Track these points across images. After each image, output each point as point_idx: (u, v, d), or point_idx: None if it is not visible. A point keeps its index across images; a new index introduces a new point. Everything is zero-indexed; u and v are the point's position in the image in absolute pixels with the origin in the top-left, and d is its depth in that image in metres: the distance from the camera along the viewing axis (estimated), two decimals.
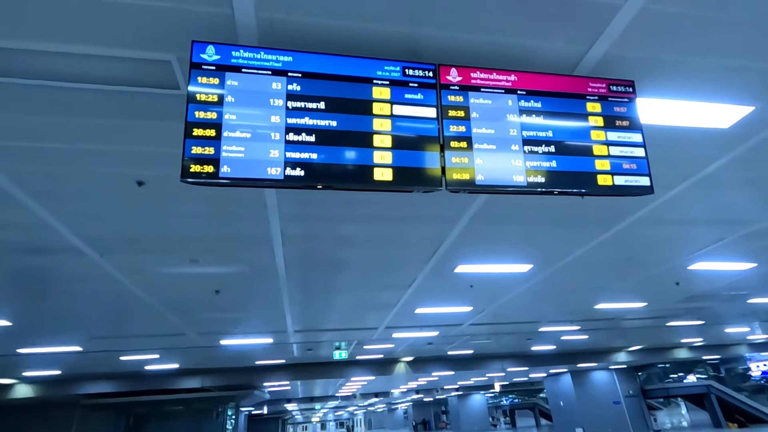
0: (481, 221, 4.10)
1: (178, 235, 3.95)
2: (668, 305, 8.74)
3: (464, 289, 6.43)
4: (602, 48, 2.21)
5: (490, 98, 2.07)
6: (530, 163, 2.02)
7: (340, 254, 4.72)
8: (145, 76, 2.19)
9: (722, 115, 2.79)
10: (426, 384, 23.53)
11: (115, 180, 3.01)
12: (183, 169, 1.70)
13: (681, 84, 2.51)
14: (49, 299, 5.52)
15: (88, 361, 10.24)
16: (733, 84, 2.56)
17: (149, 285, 5.23)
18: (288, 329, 8.38)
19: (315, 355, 12.45)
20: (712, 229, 4.86)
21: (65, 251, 4.04)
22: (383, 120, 1.93)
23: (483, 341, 11.84)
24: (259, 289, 5.74)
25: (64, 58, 2.04)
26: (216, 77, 1.82)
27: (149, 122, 2.48)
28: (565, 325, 10.33)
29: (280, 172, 1.78)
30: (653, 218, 4.37)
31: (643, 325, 11.02)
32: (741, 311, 10.29)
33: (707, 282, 7.09)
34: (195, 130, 1.75)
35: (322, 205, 3.61)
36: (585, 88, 2.18)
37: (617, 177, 2.10)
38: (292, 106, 1.87)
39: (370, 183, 1.86)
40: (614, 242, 4.93)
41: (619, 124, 2.17)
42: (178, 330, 7.79)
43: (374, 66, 1.98)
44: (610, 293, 7.44)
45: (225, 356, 11.25)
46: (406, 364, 15.03)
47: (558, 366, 16.83)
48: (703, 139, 3.07)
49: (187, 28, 1.93)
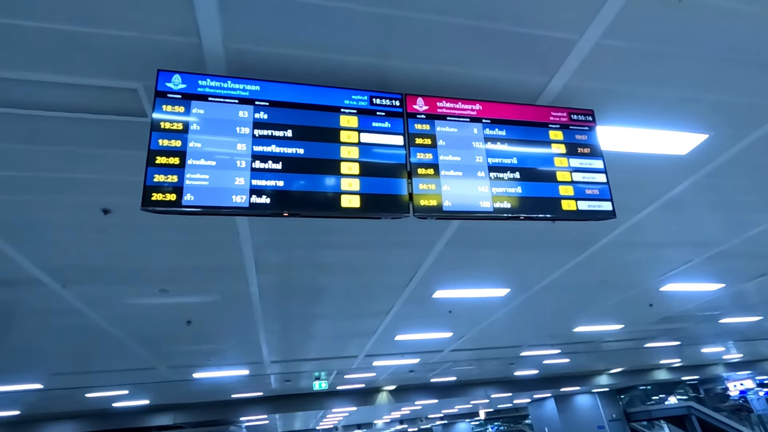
0: (456, 246, 4.12)
1: (146, 265, 3.83)
2: (644, 327, 8.86)
3: (443, 315, 6.39)
4: (562, 80, 2.31)
5: (455, 126, 2.12)
6: (496, 189, 2.06)
7: (316, 282, 4.65)
8: (111, 103, 2.17)
9: (679, 142, 2.93)
10: (410, 413, 22.95)
11: (79, 208, 2.92)
12: (144, 198, 1.66)
13: (638, 113, 2.63)
14: (6, 333, 5.21)
15: (50, 400, 9.63)
16: (687, 113, 2.70)
17: (116, 317, 5.01)
18: (264, 360, 8.11)
19: (294, 387, 12.05)
20: (679, 251, 5.02)
21: (24, 283, 3.85)
22: (351, 147, 1.95)
23: (465, 367, 11.70)
24: (233, 319, 5.57)
25: (29, 85, 2.00)
26: (181, 105, 1.82)
27: (115, 150, 2.44)
28: (546, 349, 10.33)
29: (245, 200, 1.76)
30: (623, 241, 4.48)
31: (622, 347, 11.12)
32: (715, 331, 10.51)
33: (680, 303, 7.25)
34: (158, 158, 1.72)
35: (296, 231, 3.57)
36: (547, 117, 2.26)
37: (581, 202, 2.15)
38: (259, 135, 1.87)
39: (338, 210, 1.85)
40: (587, 265, 5.02)
41: (581, 151, 2.25)
42: (147, 364, 7.44)
43: (342, 95, 2.01)
44: (587, 316, 7.51)
45: (199, 390, 10.76)
46: (388, 393, 14.66)
47: (542, 391, 16.72)
48: (664, 165, 3.20)
49: (154, 57, 1.93)
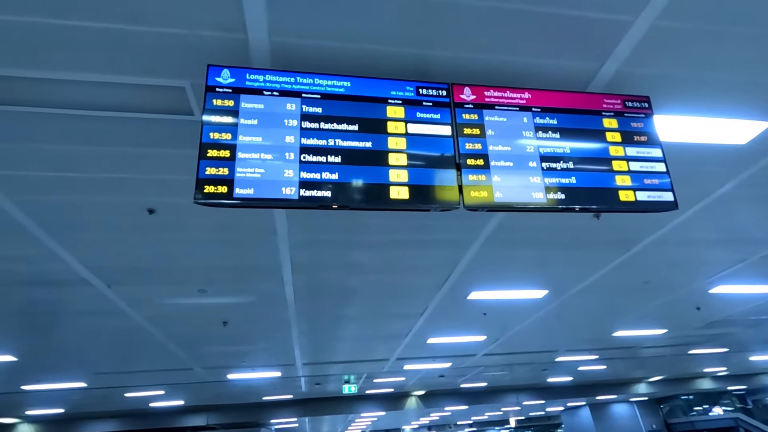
0: (494, 245, 4.02)
1: (186, 265, 3.91)
2: (689, 332, 8.42)
3: (477, 317, 6.25)
4: (614, 65, 2.21)
5: (504, 116, 2.05)
6: (549, 180, 1.97)
7: (350, 282, 4.63)
8: (159, 102, 2.21)
9: (738, 130, 2.75)
10: (438, 419, 22.64)
11: (125, 209, 3.00)
12: (197, 190, 1.67)
13: (695, 99, 2.49)
14: (55, 333, 5.43)
15: (92, 399, 10.00)
16: (748, 99, 2.53)
17: (156, 317, 5.14)
18: (296, 362, 8.16)
19: (323, 390, 12.07)
20: (731, 250, 4.73)
21: (73, 283, 3.99)
22: (398, 139, 1.91)
23: (497, 373, 11.43)
24: (267, 319, 5.62)
25: (80, 86, 2.06)
26: (231, 99, 1.83)
27: (161, 149, 2.49)
28: (582, 355, 9.96)
29: (294, 192, 1.75)
30: (670, 240, 4.26)
31: (664, 354, 10.61)
32: (766, 337, 9.88)
33: (729, 306, 6.84)
34: (210, 151, 1.73)
35: (332, 230, 3.56)
36: (600, 105, 2.16)
37: (639, 192, 2.04)
38: (307, 127, 1.85)
39: (386, 202, 1.82)
40: (631, 266, 4.80)
41: (638, 139, 2.13)
42: (184, 364, 7.61)
43: (388, 86, 1.98)
44: (628, 320, 7.19)
45: (231, 392, 10.93)
46: (417, 399, 14.49)
47: (576, 399, 16.16)
48: (720, 156, 3.02)
49: (201, 54, 1.95)
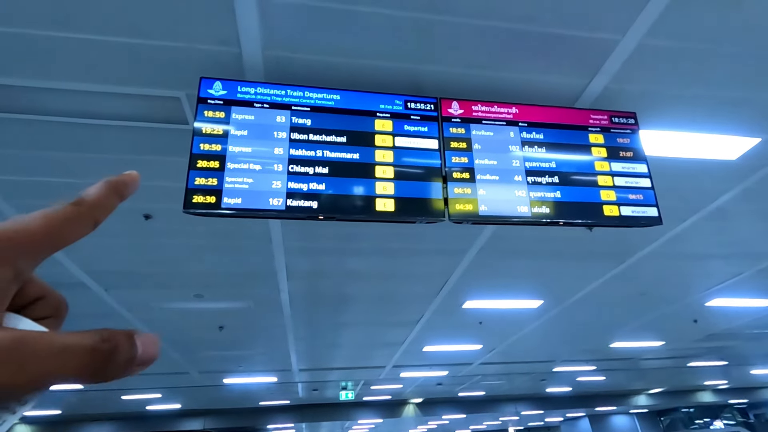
0: (488, 255, 4.04)
1: (183, 270, 3.95)
2: (687, 344, 8.38)
3: (473, 326, 6.25)
4: (602, 82, 2.25)
5: (491, 130, 2.08)
6: (534, 194, 2.00)
7: (345, 289, 4.65)
8: (156, 112, 2.27)
9: (728, 146, 2.78)
10: (436, 428, 22.46)
11: (124, 213, 3.05)
12: (186, 200, 1.71)
13: (684, 115, 2.52)
14: None
15: (88, 401, 10.01)
16: (737, 116, 2.56)
17: (153, 321, 5.17)
18: (293, 367, 8.15)
19: (320, 396, 12.04)
20: (727, 263, 4.73)
21: (71, 286, 4.03)
22: (385, 151, 1.95)
23: (495, 382, 11.37)
24: (263, 325, 5.64)
25: (80, 95, 2.12)
26: (222, 111, 1.87)
27: (157, 157, 2.53)
28: (580, 365, 9.91)
29: (281, 202, 1.79)
30: (665, 252, 4.27)
31: (663, 366, 10.54)
32: (766, 351, 9.81)
33: (727, 319, 6.81)
34: (199, 162, 1.77)
35: (326, 238, 3.59)
36: (587, 120, 2.19)
37: (624, 207, 2.06)
38: (296, 138, 1.89)
39: (372, 214, 1.85)
40: (626, 277, 4.80)
41: (623, 155, 2.16)
42: (181, 368, 7.62)
43: (377, 100, 2.02)
44: (625, 331, 7.17)
45: (228, 396, 10.92)
46: (415, 406, 14.41)
47: (575, 409, 16.02)
48: (712, 171, 3.04)
49: (196, 66, 2.01)
